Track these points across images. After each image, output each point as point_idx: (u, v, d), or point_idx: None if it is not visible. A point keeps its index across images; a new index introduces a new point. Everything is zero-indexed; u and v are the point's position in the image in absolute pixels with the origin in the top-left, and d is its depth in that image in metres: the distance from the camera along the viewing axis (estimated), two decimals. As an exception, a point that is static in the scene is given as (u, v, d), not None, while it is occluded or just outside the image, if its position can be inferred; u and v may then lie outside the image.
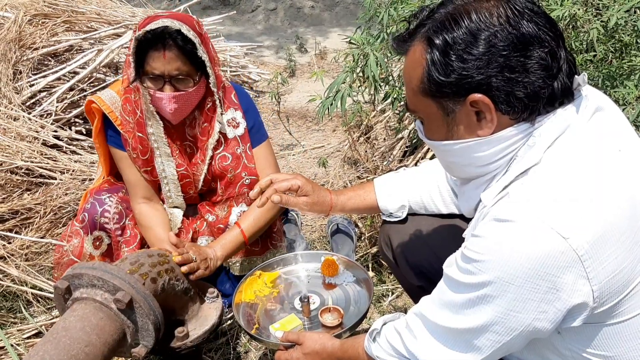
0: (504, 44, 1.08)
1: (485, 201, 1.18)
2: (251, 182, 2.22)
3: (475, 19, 1.10)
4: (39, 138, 3.21)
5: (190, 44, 1.95)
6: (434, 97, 1.16)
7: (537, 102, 1.11)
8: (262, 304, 1.92)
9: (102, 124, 2.19)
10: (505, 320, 1.11)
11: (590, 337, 1.16)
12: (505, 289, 1.07)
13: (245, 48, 5.70)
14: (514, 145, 1.15)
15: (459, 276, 1.15)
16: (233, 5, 7.69)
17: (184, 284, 1.81)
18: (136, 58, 1.97)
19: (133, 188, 2.22)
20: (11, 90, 3.37)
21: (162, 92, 1.99)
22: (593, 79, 1.96)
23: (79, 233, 2.23)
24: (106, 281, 1.55)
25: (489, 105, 1.11)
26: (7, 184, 2.85)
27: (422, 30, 1.16)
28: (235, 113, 2.20)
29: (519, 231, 1.06)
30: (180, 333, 1.77)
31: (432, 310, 1.25)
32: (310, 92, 4.93)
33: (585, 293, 1.06)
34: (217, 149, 2.19)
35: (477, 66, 1.09)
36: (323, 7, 7.75)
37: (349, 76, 2.16)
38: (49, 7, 4.13)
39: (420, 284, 1.74)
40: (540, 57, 1.09)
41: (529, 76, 1.09)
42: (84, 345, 1.47)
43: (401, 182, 1.79)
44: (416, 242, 1.75)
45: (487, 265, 1.08)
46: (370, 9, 2.40)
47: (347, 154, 3.52)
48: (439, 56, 1.11)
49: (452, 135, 1.19)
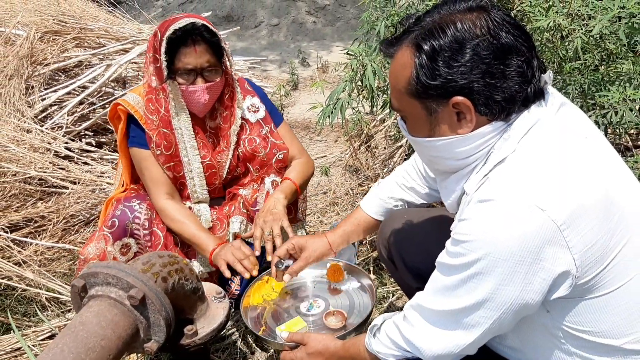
0: (486, 52, 1.19)
1: (468, 190, 1.28)
2: (284, 156, 2.37)
3: (460, 28, 1.20)
4: (51, 149, 3.31)
5: (215, 37, 2.11)
6: (420, 97, 1.26)
7: (513, 105, 1.22)
8: (269, 308, 1.99)
9: (126, 127, 2.26)
10: (495, 296, 1.19)
11: (577, 312, 1.23)
12: (494, 264, 1.16)
13: (249, 62, 5.82)
14: (491, 140, 1.25)
15: (450, 260, 1.24)
16: (237, 21, 7.83)
17: (192, 283, 1.89)
18: (165, 57, 2.08)
19: (156, 185, 2.25)
20: (24, 104, 3.49)
21: (195, 85, 2.13)
22: (580, 85, 2.06)
23: (107, 238, 2.20)
24: (120, 279, 1.62)
25: (470, 107, 1.21)
26: (22, 193, 2.95)
27: (410, 36, 1.26)
28: (253, 99, 2.37)
29: (500, 208, 1.15)
30: (190, 331, 1.83)
31: (426, 298, 1.33)
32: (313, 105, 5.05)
33: (567, 262, 1.15)
34: (243, 134, 2.33)
35: (461, 72, 1.19)
36: (325, 22, 7.89)
37: (348, 85, 2.27)
38: (58, 25, 4.27)
39: (418, 286, 1.80)
40: (518, 65, 1.20)
41: (507, 82, 1.20)
42: (100, 339, 1.54)
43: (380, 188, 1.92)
44: (413, 245, 1.83)
45: (475, 244, 1.17)
46: (367, 22, 2.52)
47: (348, 162, 3.62)
48: (426, 61, 1.22)
49: (434, 132, 1.29)
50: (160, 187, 2.25)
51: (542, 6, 1.88)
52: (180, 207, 2.26)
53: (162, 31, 2.08)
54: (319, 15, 7.94)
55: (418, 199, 1.87)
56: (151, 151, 2.22)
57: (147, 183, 2.27)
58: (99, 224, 2.28)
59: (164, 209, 2.23)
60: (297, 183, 2.31)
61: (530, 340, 1.33)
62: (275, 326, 1.87)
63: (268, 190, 2.32)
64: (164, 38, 2.06)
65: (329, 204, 3.35)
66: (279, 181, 2.35)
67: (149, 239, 2.25)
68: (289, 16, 7.85)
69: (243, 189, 2.37)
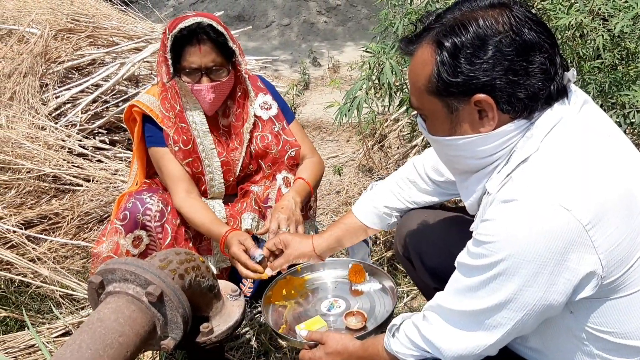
0: (509, 49, 1.17)
1: (490, 189, 1.26)
2: (296, 153, 2.37)
3: (482, 24, 1.19)
4: (65, 147, 3.32)
5: (221, 37, 2.11)
6: (440, 95, 1.25)
7: (536, 103, 1.20)
8: (290, 306, 1.99)
9: (142, 128, 2.27)
10: (518, 297, 1.17)
11: (601, 313, 1.22)
12: (518, 265, 1.14)
13: (261, 62, 5.83)
14: (513, 139, 1.23)
15: (472, 261, 1.22)
16: (248, 21, 7.84)
17: (209, 281, 1.88)
18: (172, 55, 2.10)
19: (175, 181, 2.24)
20: (38, 101, 3.50)
21: (200, 84, 2.14)
22: (601, 84, 2.04)
23: (119, 231, 2.21)
24: (138, 275, 1.62)
25: (492, 105, 1.20)
26: (36, 191, 2.96)
27: (431, 33, 1.25)
28: (265, 97, 2.37)
29: (525, 208, 1.13)
30: (205, 329, 1.82)
31: (446, 299, 1.31)
32: (324, 104, 5.03)
33: (593, 262, 1.13)
34: (255, 132, 2.33)
35: (483, 69, 1.18)
36: (336, 22, 7.89)
37: (365, 83, 2.26)
38: (72, 23, 4.28)
39: (436, 286, 1.79)
40: (541, 62, 1.18)
41: (530, 79, 1.18)
42: (117, 335, 1.54)
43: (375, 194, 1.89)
44: (431, 244, 1.81)
45: (498, 245, 1.15)
46: (385, 20, 2.51)
47: (361, 162, 3.61)
48: (447, 58, 1.20)
49: (455, 131, 1.28)
50: (179, 183, 2.24)
51: (564, 4, 1.86)
52: (198, 202, 2.25)
53: (170, 29, 2.10)
54: (330, 15, 7.94)
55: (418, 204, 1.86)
56: (169, 148, 2.23)
57: (166, 180, 2.27)
58: (111, 218, 2.28)
59: (182, 205, 2.22)
60: (310, 183, 2.30)
61: (552, 341, 1.32)
62: (295, 325, 1.86)
63: (280, 187, 2.31)
64: (170, 36, 2.08)
65: (342, 203, 3.34)
66: (290, 178, 2.34)
67: (161, 231, 2.25)
68: (300, 16, 7.85)
69: (255, 185, 2.37)
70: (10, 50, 3.89)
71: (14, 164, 2.98)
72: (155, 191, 2.29)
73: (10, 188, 2.93)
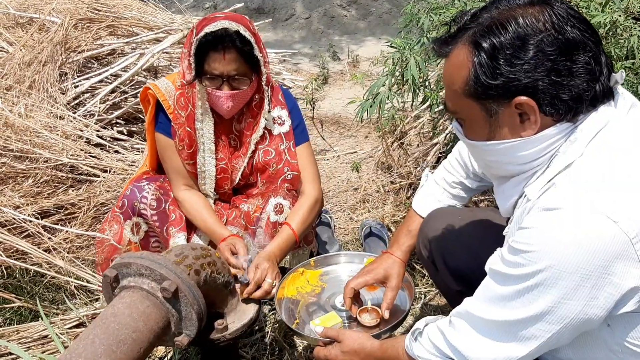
0: (551, 48, 1.11)
1: (530, 195, 1.21)
2: (293, 177, 2.29)
3: (522, 23, 1.13)
4: (83, 137, 3.31)
5: (247, 45, 2.04)
6: (479, 98, 1.19)
7: (581, 104, 1.14)
8: (303, 300, 1.95)
9: (154, 112, 2.27)
10: (556, 309, 1.12)
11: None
12: (557, 277, 1.09)
13: (280, 55, 5.79)
14: (556, 143, 1.18)
15: (507, 269, 1.17)
16: (268, 14, 7.80)
17: (224, 277, 1.86)
18: (196, 58, 2.06)
19: (176, 175, 2.29)
20: (57, 90, 3.49)
21: (220, 91, 2.09)
22: (632, 85, 1.97)
23: (119, 219, 2.28)
24: (153, 270, 1.60)
25: (534, 107, 1.14)
26: (53, 180, 2.96)
27: (467, 33, 1.20)
28: (281, 111, 2.30)
29: (569, 218, 1.08)
30: (220, 325, 1.80)
31: (477, 306, 1.26)
32: (343, 99, 4.99)
33: (638, 276, 1.08)
34: (261, 144, 2.28)
35: (525, 70, 1.12)
36: (357, 16, 7.82)
37: (389, 79, 2.20)
38: (92, 12, 4.27)
39: (460, 289, 1.75)
40: (585, 61, 1.12)
41: (574, 80, 1.12)
42: (131, 331, 1.52)
43: (431, 192, 1.87)
44: (455, 245, 1.76)
45: (538, 255, 1.10)
46: (410, 15, 2.45)
47: (380, 159, 3.55)
48: (486, 59, 1.15)
49: (495, 135, 1.22)
50: (181, 178, 2.29)
51: (598, 1, 1.79)
52: (195, 198, 2.29)
53: (198, 30, 2.05)
54: (350, 9, 7.87)
55: (466, 193, 1.83)
56: (175, 144, 2.24)
57: (168, 171, 2.32)
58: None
59: (182, 200, 2.28)
60: (297, 233, 2.19)
61: (585, 353, 1.27)
62: (310, 320, 1.82)
63: (269, 215, 2.24)
64: (195, 40, 2.04)
65: (360, 200, 3.30)
66: (284, 205, 2.26)
67: (157, 219, 2.28)
68: (321, 9, 7.79)
69: (245, 203, 2.33)
70: (31, 39, 3.89)
71: (31, 152, 2.97)
72: (155, 179, 2.33)
73: (27, 177, 2.92)
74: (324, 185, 3.58)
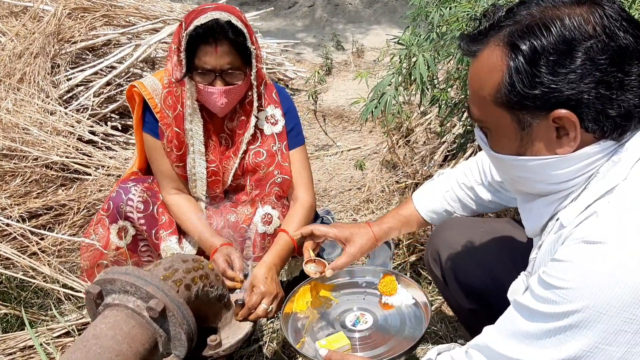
0: (602, 57, 0.97)
1: (565, 221, 1.07)
2: (283, 180, 2.18)
3: (569, 25, 0.98)
4: (75, 133, 3.19)
5: (240, 36, 1.92)
6: (511, 108, 1.05)
7: (630, 122, 1.00)
8: (312, 316, 1.84)
9: (142, 111, 2.16)
10: (592, 355, 0.99)
11: None
12: (596, 319, 0.96)
13: (282, 45, 5.65)
14: (596, 163, 1.04)
15: (537, 305, 1.03)
16: (270, 2, 7.65)
17: (218, 290, 1.75)
18: (186, 54, 1.93)
19: (165, 179, 2.18)
20: (49, 83, 3.37)
21: (213, 87, 1.97)
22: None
23: (105, 223, 2.19)
24: (139, 288, 1.49)
25: (575, 122, 1.00)
26: (42, 179, 2.84)
27: (501, 32, 1.05)
28: (274, 110, 2.17)
29: (613, 254, 0.94)
30: (213, 341, 1.70)
31: (498, 340, 1.12)
32: (347, 91, 4.86)
33: None
34: (253, 144, 2.16)
35: (569, 80, 0.97)
36: (362, 3, 7.67)
37: (395, 78, 2.06)
38: (87, 1, 4.14)
39: (471, 307, 1.64)
40: (639, 73, 0.98)
41: (625, 94, 0.98)
42: (114, 355, 1.42)
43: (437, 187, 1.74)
44: (468, 259, 1.64)
45: (575, 293, 0.97)
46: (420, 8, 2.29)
47: (385, 157, 3.42)
48: (524, 65, 1.00)
49: (526, 150, 1.08)
50: (169, 181, 2.19)
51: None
52: (185, 201, 2.19)
53: (187, 23, 1.92)
54: (355, -3, 7.72)
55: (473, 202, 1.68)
56: (162, 146, 2.13)
57: (157, 174, 2.22)
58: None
59: (170, 204, 2.19)
60: (295, 240, 2.04)
61: None
62: (316, 339, 1.71)
63: (257, 227, 2.12)
64: (185, 34, 1.91)
65: (363, 200, 3.17)
66: (273, 215, 2.14)
67: (144, 223, 2.18)
68: (324, -3, 7.65)
69: (233, 213, 2.20)
70: (24, 28, 3.76)
71: (20, 151, 2.85)
72: (142, 181, 2.23)
73: (15, 176, 2.80)
74: (326, 184, 3.47)
